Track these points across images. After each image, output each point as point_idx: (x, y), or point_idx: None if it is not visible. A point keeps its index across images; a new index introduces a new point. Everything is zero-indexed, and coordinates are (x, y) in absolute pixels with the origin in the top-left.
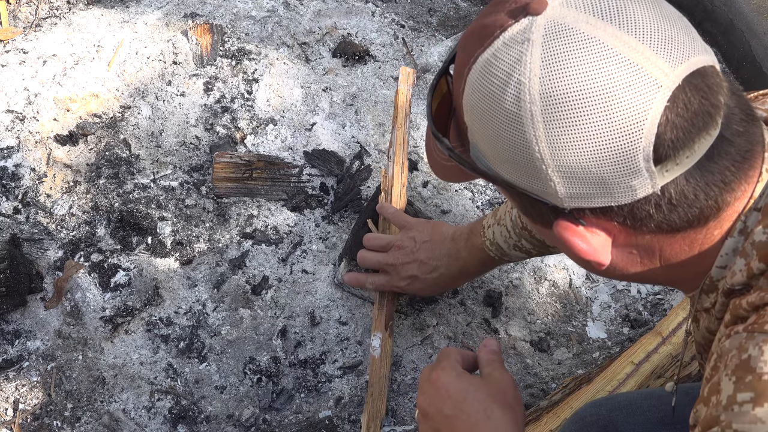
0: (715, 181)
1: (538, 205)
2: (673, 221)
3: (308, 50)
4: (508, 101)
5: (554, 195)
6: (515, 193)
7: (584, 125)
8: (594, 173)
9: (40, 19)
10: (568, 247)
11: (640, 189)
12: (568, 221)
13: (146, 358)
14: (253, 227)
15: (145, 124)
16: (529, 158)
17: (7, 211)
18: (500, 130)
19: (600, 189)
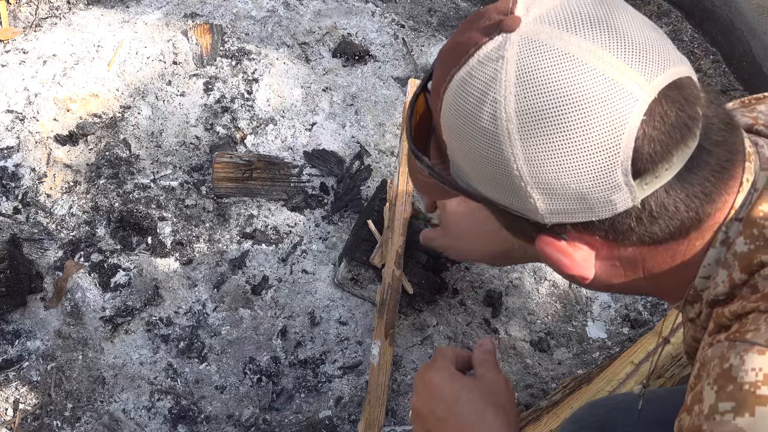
0: (696, 193)
1: (519, 221)
2: (654, 233)
3: (308, 50)
4: (484, 119)
5: (534, 211)
6: (497, 210)
7: (561, 142)
8: (573, 189)
9: (40, 19)
10: (552, 262)
11: (620, 203)
12: (550, 236)
13: (146, 358)
14: (253, 227)
15: (145, 124)
16: (508, 176)
17: (7, 211)
18: (478, 148)
19: (580, 204)
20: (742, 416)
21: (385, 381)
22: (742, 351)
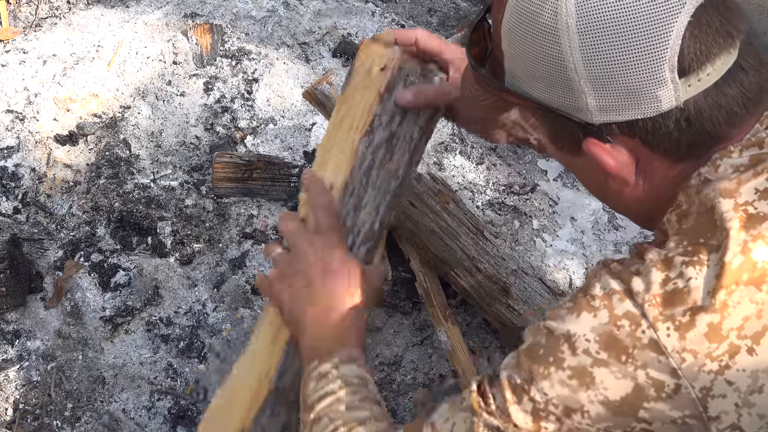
0: (727, 106)
1: (568, 125)
2: (682, 144)
3: (308, 50)
4: (545, 16)
5: (585, 109)
6: (546, 116)
7: (615, 35)
8: (624, 82)
9: (40, 19)
10: (597, 163)
11: (664, 100)
12: (597, 138)
13: (146, 358)
14: (253, 227)
15: (145, 124)
16: (563, 71)
17: (7, 211)
18: (537, 45)
19: (628, 100)
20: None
21: (466, 358)
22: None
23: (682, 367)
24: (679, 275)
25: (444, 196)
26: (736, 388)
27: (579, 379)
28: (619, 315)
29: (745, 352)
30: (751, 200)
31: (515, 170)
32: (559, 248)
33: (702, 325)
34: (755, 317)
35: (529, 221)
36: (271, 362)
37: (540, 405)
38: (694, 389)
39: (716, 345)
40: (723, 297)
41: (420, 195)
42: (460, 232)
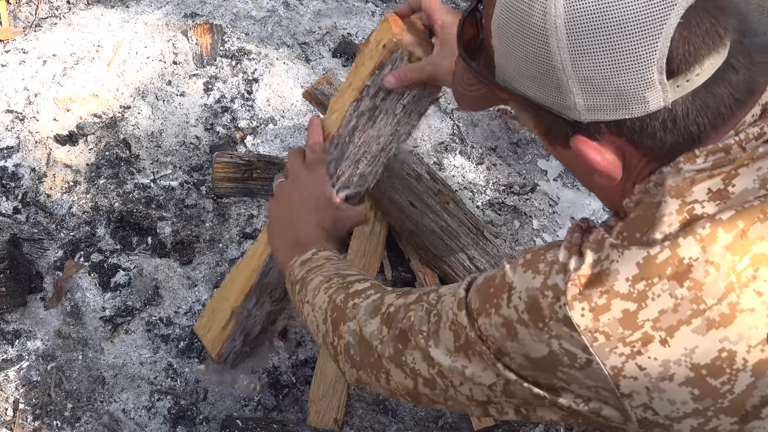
0: (711, 106)
1: (557, 122)
2: (665, 145)
3: (308, 50)
4: (535, 15)
5: (573, 108)
6: (536, 112)
7: (604, 37)
8: (612, 83)
9: (40, 19)
10: (585, 160)
11: (652, 101)
12: (585, 136)
13: (146, 358)
14: (253, 227)
15: (145, 124)
16: (551, 70)
17: (7, 211)
18: (526, 44)
19: (616, 101)
20: (503, 268)
21: None
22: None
23: (593, 345)
24: (606, 257)
25: (444, 196)
26: (647, 374)
27: (507, 328)
28: (548, 285)
29: (657, 343)
30: (700, 200)
31: (515, 170)
32: None
33: (617, 311)
34: (672, 311)
35: (529, 221)
36: (259, 261)
37: (483, 336)
38: (605, 367)
39: (630, 332)
40: (642, 287)
41: (420, 195)
42: (460, 232)
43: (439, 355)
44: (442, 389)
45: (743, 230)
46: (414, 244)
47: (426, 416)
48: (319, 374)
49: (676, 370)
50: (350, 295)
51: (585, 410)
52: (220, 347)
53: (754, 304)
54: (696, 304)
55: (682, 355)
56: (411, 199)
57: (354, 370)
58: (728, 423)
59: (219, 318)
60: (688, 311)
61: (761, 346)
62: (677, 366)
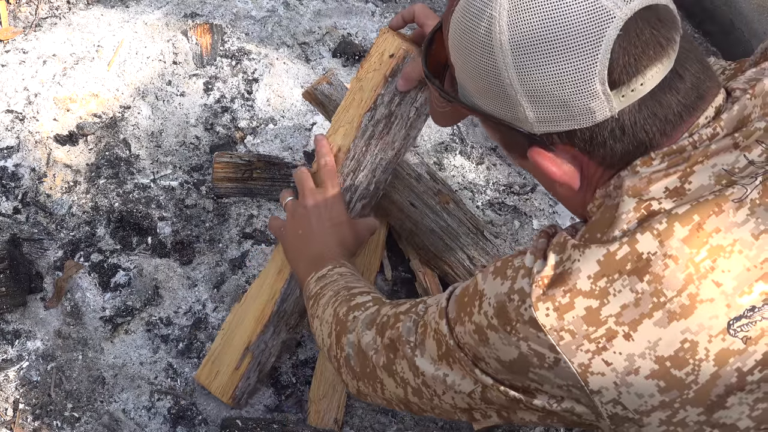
0: (661, 115)
1: (514, 135)
2: (616, 153)
3: (308, 50)
4: (481, 33)
5: (525, 121)
6: (494, 125)
7: (546, 51)
8: (557, 96)
9: (40, 19)
10: (542, 171)
11: (598, 112)
12: (541, 148)
13: (146, 358)
14: (253, 227)
15: (145, 124)
16: (500, 86)
17: (7, 211)
18: (476, 61)
19: (563, 112)
20: (482, 277)
21: None
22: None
23: (560, 344)
24: (567, 258)
25: (444, 196)
26: (613, 369)
27: (479, 335)
28: (514, 289)
29: (621, 337)
30: (657, 197)
31: (515, 170)
32: None
33: (580, 309)
34: (633, 305)
35: (529, 221)
36: (275, 289)
37: (460, 344)
38: (572, 364)
39: (594, 328)
40: (603, 284)
41: (420, 195)
42: (460, 232)
43: (423, 364)
44: (428, 398)
45: (699, 223)
46: (414, 244)
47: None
48: (319, 374)
49: (641, 364)
50: (351, 308)
51: (559, 410)
52: (233, 390)
53: (713, 295)
54: (656, 297)
55: (646, 348)
56: (411, 199)
57: (354, 381)
58: (695, 414)
59: (227, 359)
60: (649, 305)
61: (722, 336)
62: (642, 359)
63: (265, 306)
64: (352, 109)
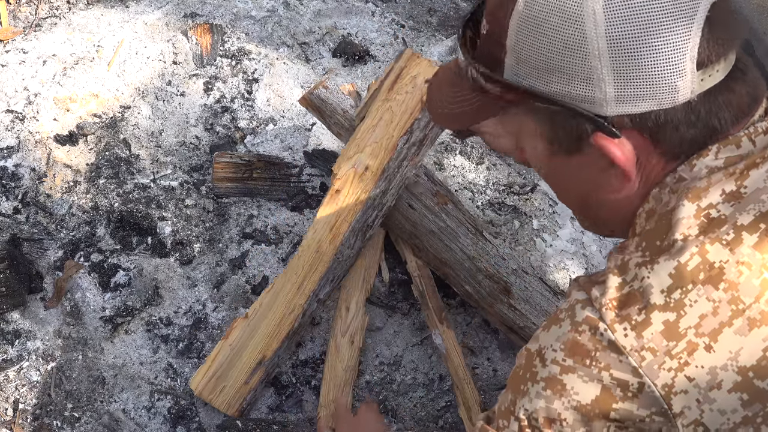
0: (733, 102)
1: (573, 120)
2: (685, 140)
3: (308, 50)
4: (570, 2)
5: (601, 100)
6: (547, 114)
7: (643, 20)
8: (647, 71)
9: (40, 19)
10: (606, 154)
11: (681, 92)
12: (605, 133)
13: (146, 358)
14: (253, 227)
15: (145, 124)
16: (584, 58)
17: (7, 211)
18: (558, 33)
19: (648, 89)
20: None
21: (460, 361)
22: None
23: (642, 365)
24: (633, 278)
25: (442, 197)
26: (696, 384)
27: (552, 388)
28: (579, 321)
29: (703, 350)
30: (715, 203)
31: (515, 170)
32: (559, 248)
33: (658, 323)
34: (711, 314)
35: (529, 221)
36: (296, 304)
37: (524, 422)
38: (656, 387)
39: (674, 342)
40: (678, 296)
41: (418, 196)
42: (459, 233)
43: None
44: None
45: (766, 229)
46: (413, 247)
47: (426, 416)
48: (328, 378)
49: (724, 377)
50: None
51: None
52: (240, 403)
53: None
54: (734, 305)
55: (728, 359)
56: (409, 200)
57: None
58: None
59: (236, 374)
60: (728, 312)
61: None
62: (724, 371)
63: (282, 321)
64: (380, 129)
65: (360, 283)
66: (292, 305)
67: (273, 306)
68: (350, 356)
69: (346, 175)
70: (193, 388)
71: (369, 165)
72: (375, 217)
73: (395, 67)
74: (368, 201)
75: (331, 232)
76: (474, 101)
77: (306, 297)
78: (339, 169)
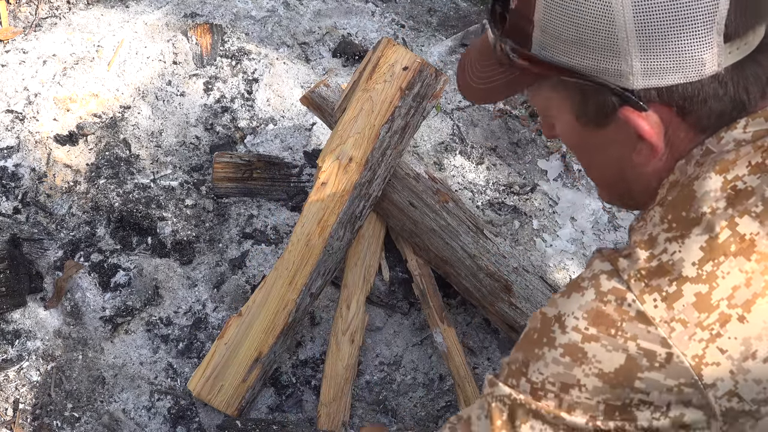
0: (761, 75)
1: (601, 94)
2: (713, 113)
3: (308, 50)
4: None
5: (627, 74)
6: (576, 88)
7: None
8: (673, 43)
9: (40, 19)
10: (634, 126)
11: (708, 65)
12: (632, 107)
13: (146, 358)
14: (253, 227)
15: (145, 124)
16: (611, 31)
17: (7, 211)
18: (584, 7)
19: (675, 62)
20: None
21: (461, 360)
22: None
23: (671, 336)
24: (663, 251)
25: (443, 195)
26: (729, 356)
27: (571, 355)
28: (604, 291)
29: (736, 320)
30: (741, 175)
31: (515, 170)
32: (559, 248)
33: (689, 295)
34: (744, 286)
35: (529, 221)
36: (288, 299)
37: (537, 385)
38: (686, 357)
39: (706, 314)
40: (710, 268)
41: (419, 194)
42: (460, 231)
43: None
44: None
45: None
46: (414, 245)
47: (426, 416)
48: (328, 377)
49: (759, 346)
50: None
51: (665, 424)
52: (239, 402)
53: None
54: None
55: (762, 329)
56: (411, 198)
57: None
58: None
59: (233, 372)
60: (761, 283)
61: None
62: (758, 341)
63: (276, 316)
64: (361, 119)
65: (360, 282)
66: (285, 300)
67: (266, 302)
68: (350, 354)
69: (331, 168)
70: (192, 389)
71: (353, 156)
72: (363, 208)
73: (372, 57)
74: (354, 192)
75: (319, 225)
76: (503, 76)
77: (298, 291)
78: (323, 162)
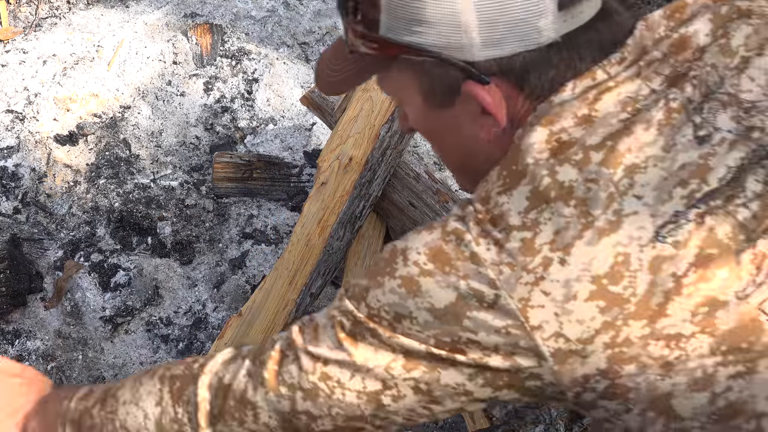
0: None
1: (446, 71)
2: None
3: (308, 50)
4: None
5: (468, 47)
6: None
7: None
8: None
9: (40, 19)
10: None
11: (544, 33)
12: (476, 81)
13: (146, 358)
14: (253, 227)
15: (145, 124)
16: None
17: (7, 211)
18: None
19: (512, 32)
20: None
21: None
22: None
23: (500, 278)
24: (495, 204)
25: (443, 195)
26: (552, 298)
27: (407, 287)
28: (448, 231)
29: (557, 263)
30: (567, 126)
31: None
32: None
33: (516, 241)
34: (564, 230)
35: None
36: (288, 299)
37: (374, 311)
38: (513, 299)
39: (531, 258)
40: (534, 215)
41: (419, 194)
42: None
43: (321, 352)
44: (327, 395)
45: (612, 147)
46: None
47: None
48: None
49: (579, 288)
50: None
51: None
52: None
53: (637, 207)
54: (584, 218)
55: (581, 271)
56: (411, 198)
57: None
58: (638, 328)
59: None
60: (578, 226)
61: (651, 244)
62: (578, 283)
63: (276, 316)
64: (361, 119)
65: None
66: (285, 300)
67: (266, 302)
68: None
69: (331, 167)
70: None
71: (353, 156)
72: (363, 208)
73: None
74: (354, 192)
75: (319, 225)
76: (355, 65)
77: (298, 291)
78: (323, 162)
